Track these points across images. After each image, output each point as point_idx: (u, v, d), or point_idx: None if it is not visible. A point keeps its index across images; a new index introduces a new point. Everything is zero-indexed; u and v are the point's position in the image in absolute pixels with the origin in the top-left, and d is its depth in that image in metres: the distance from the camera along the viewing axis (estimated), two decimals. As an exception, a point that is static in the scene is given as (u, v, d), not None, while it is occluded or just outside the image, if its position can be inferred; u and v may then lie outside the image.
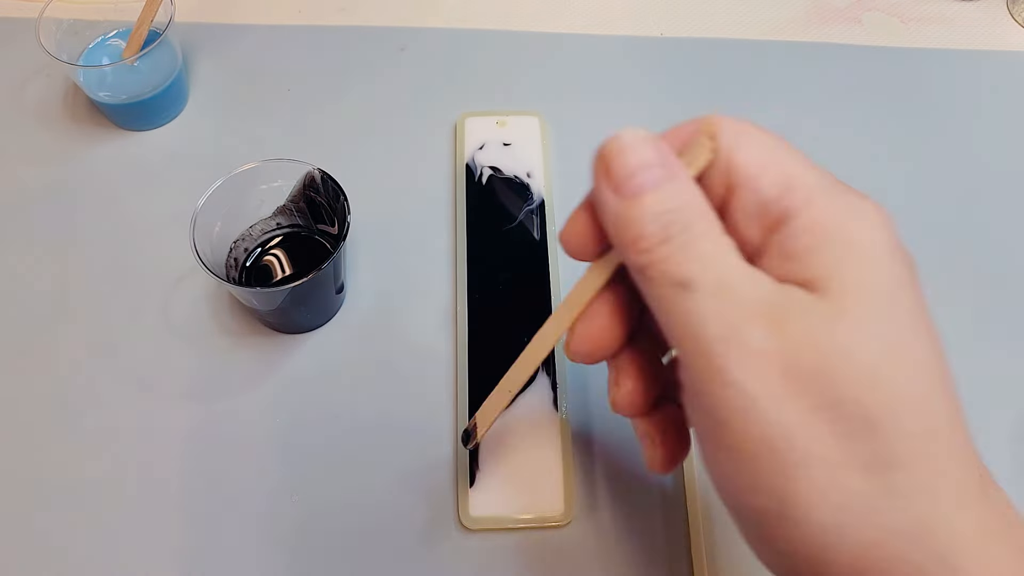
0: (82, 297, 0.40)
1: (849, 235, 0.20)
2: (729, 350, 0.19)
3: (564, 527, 0.35)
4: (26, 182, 0.44)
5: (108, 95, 0.44)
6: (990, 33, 0.53)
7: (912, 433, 0.18)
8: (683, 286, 0.20)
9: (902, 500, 0.18)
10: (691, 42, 0.51)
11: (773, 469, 0.19)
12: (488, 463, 0.35)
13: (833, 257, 0.20)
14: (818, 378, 0.18)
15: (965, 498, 0.19)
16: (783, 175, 0.21)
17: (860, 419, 0.18)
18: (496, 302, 0.40)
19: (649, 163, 0.21)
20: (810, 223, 0.20)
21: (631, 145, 0.22)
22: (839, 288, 0.19)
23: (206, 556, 0.34)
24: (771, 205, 0.21)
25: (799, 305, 0.19)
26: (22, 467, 0.36)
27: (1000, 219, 0.45)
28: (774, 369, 0.19)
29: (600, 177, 0.22)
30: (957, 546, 0.18)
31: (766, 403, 0.19)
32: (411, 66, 0.49)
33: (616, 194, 0.22)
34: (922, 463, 0.18)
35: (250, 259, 0.39)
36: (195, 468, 0.36)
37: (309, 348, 0.39)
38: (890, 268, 0.20)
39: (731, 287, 0.20)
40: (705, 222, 0.21)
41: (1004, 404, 0.39)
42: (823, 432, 0.18)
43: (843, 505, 0.18)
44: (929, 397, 0.19)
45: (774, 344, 0.19)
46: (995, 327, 0.41)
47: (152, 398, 0.37)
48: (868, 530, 0.18)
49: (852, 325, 0.19)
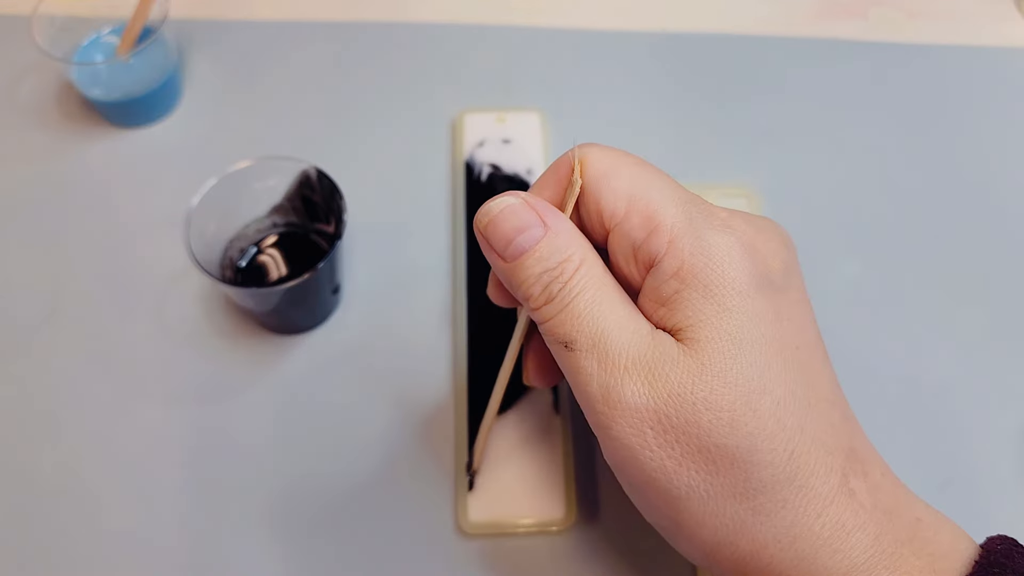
0: (75, 297, 0.40)
1: (706, 279, 0.22)
2: (608, 408, 0.22)
3: (565, 532, 0.34)
4: (18, 180, 0.43)
5: (102, 92, 0.43)
6: (997, 28, 0.52)
7: (770, 462, 0.21)
8: (565, 345, 0.23)
9: (768, 517, 0.21)
10: (694, 37, 0.51)
11: (662, 501, 0.22)
12: (488, 467, 0.35)
13: (693, 306, 0.22)
14: (686, 429, 0.21)
15: (822, 503, 0.22)
16: (647, 215, 0.23)
17: (726, 459, 0.21)
18: (496, 302, 0.39)
19: (524, 225, 0.23)
20: (674, 267, 0.22)
21: (503, 213, 0.23)
22: (701, 338, 0.22)
23: (203, 557, 0.33)
24: (640, 248, 0.23)
25: (668, 359, 0.22)
26: (16, 470, 0.35)
27: (1008, 217, 0.44)
28: (647, 423, 0.21)
29: (484, 246, 0.24)
30: (816, 546, 0.21)
31: (645, 453, 0.22)
32: (409, 62, 0.49)
33: (500, 259, 0.24)
34: (782, 484, 0.21)
35: (245, 259, 0.39)
36: (190, 470, 0.35)
37: (305, 349, 0.38)
38: (743, 308, 0.22)
39: (606, 345, 0.22)
40: (581, 276, 0.23)
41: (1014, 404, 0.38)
42: (696, 472, 0.21)
43: (720, 526, 0.22)
44: (784, 426, 0.21)
45: (645, 400, 0.21)
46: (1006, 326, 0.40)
47: (146, 400, 0.37)
48: (743, 543, 0.22)
49: (711, 378, 0.21)
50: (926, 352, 0.39)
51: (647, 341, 0.22)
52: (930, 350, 0.39)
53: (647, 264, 0.23)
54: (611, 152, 0.24)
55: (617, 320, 0.22)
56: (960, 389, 0.38)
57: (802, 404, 0.22)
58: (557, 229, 0.23)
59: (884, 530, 0.22)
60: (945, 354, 0.39)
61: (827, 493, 0.22)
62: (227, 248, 0.38)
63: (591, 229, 0.25)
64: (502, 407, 0.36)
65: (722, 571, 0.23)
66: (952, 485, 0.36)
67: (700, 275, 0.22)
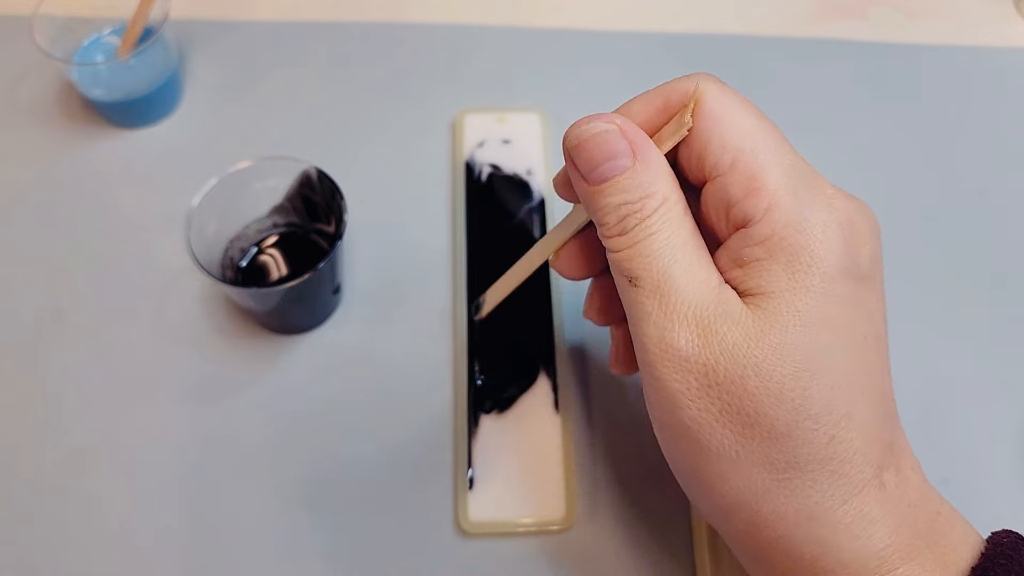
0: (75, 297, 0.40)
1: (794, 255, 0.21)
2: (659, 351, 0.22)
3: (565, 532, 0.34)
4: (18, 180, 0.43)
5: (102, 93, 0.43)
6: (997, 28, 0.52)
7: (809, 441, 0.21)
8: (630, 280, 0.22)
9: (793, 492, 0.21)
10: (695, 38, 0.51)
11: (690, 448, 0.22)
12: (487, 466, 0.35)
13: (772, 277, 0.21)
14: (731, 389, 0.21)
15: (851, 491, 0.21)
16: (750, 174, 0.22)
17: (764, 427, 0.21)
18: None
19: (614, 153, 0.22)
20: (764, 235, 0.21)
21: (593, 139, 0.23)
22: (769, 308, 0.21)
23: (203, 556, 0.33)
24: (735, 206, 0.22)
25: (728, 317, 0.21)
26: (16, 470, 0.35)
27: (1008, 217, 0.44)
28: (694, 374, 0.21)
29: (568, 163, 0.24)
30: (835, 530, 0.21)
31: (685, 402, 0.22)
32: (410, 62, 0.49)
33: (582, 180, 0.23)
34: (815, 465, 0.21)
35: (246, 259, 0.39)
36: (191, 470, 0.35)
37: (305, 349, 0.38)
38: (823, 289, 0.21)
39: (669, 290, 0.22)
40: (660, 216, 0.22)
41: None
42: (731, 432, 0.21)
43: (744, 489, 0.22)
44: (831, 410, 0.21)
45: (696, 351, 0.21)
46: (1006, 326, 0.40)
47: (146, 399, 0.37)
48: (764, 510, 0.22)
49: (767, 347, 0.21)
50: (926, 351, 0.39)
51: (712, 295, 0.22)
52: (930, 349, 0.39)
53: (737, 223, 0.22)
54: (728, 94, 0.23)
55: (686, 267, 0.22)
56: (960, 388, 0.38)
57: (856, 392, 0.22)
58: (647, 162, 0.22)
59: (904, 522, 0.22)
60: (945, 353, 0.39)
61: (859, 482, 0.21)
62: (228, 248, 0.38)
63: (686, 168, 0.24)
64: (503, 406, 0.36)
65: (732, 532, 0.23)
66: (949, 484, 0.35)
67: (789, 249, 0.21)
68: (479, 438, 0.35)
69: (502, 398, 0.36)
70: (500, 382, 0.37)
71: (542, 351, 0.37)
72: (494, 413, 0.36)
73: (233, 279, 0.38)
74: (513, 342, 0.38)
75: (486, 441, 0.35)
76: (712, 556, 0.33)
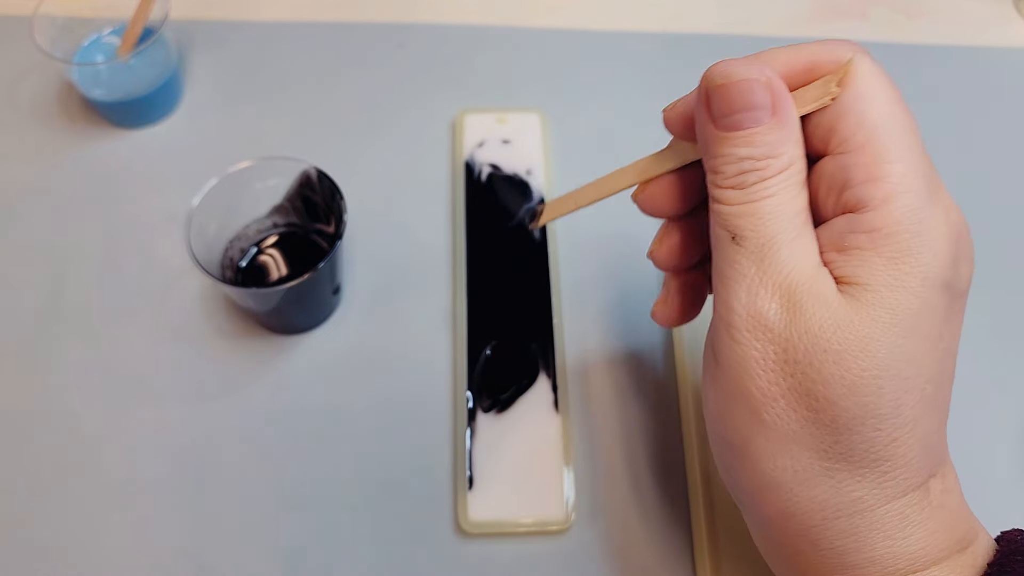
0: (75, 297, 0.40)
1: (901, 253, 0.21)
2: (746, 313, 0.21)
3: (565, 532, 0.34)
4: (19, 180, 0.43)
5: (102, 93, 0.43)
6: (997, 29, 0.52)
7: (870, 439, 0.21)
8: (733, 237, 0.22)
9: (838, 483, 0.21)
10: (694, 38, 0.51)
11: (746, 418, 0.22)
12: (487, 466, 0.35)
13: (872, 269, 0.21)
14: (805, 370, 0.21)
15: (897, 493, 0.21)
16: (877, 161, 0.21)
17: (827, 415, 0.21)
18: (496, 302, 0.39)
19: (754, 105, 0.21)
20: (875, 225, 0.21)
21: (739, 85, 0.21)
22: (863, 300, 0.21)
23: (202, 556, 0.33)
24: (851, 189, 0.21)
25: (820, 299, 0.21)
26: (16, 469, 0.35)
27: (1008, 216, 0.44)
28: (773, 345, 0.21)
29: (700, 100, 0.22)
30: (873, 527, 0.21)
31: (757, 369, 0.21)
32: (409, 62, 0.49)
33: (711, 122, 0.22)
34: (868, 463, 0.21)
35: (246, 259, 0.39)
36: (190, 470, 0.35)
37: (305, 349, 0.38)
38: (921, 295, 0.21)
39: (772, 255, 0.21)
40: (781, 180, 0.21)
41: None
42: (793, 410, 0.21)
43: (789, 468, 0.21)
44: (900, 414, 0.21)
45: (782, 325, 0.21)
46: (1006, 326, 0.40)
47: (146, 400, 0.37)
48: (803, 495, 0.22)
49: (852, 337, 0.20)
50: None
51: (810, 272, 0.21)
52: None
53: (847, 206, 0.21)
54: (879, 73, 0.22)
55: (793, 238, 0.21)
56: (959, 388, 0.38)
57: (928, 403, 0.21)
58: (783, 122, 0.21)
59: (942, 527, 0.22)
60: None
61: (906, 487, 0.21)
62: (228, 248, 0.38)
63: (809, 135, 0.23)
64: (503, 406, 0.36)
65: (762, 516, 0.23)
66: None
67: (896, 247, 0.21)
68: (479, 438, 0.35)
69: (502, 398, 0.36)
70: (500, 382, 0.37)
71: (542, 351, 0.37)
72: (494, 413, 0.36)
73: (233, 279, 0.38)
74: (513, 342, 0.38)
75: (486, 441, 0.35)
76: (712, 556, 0.33)
